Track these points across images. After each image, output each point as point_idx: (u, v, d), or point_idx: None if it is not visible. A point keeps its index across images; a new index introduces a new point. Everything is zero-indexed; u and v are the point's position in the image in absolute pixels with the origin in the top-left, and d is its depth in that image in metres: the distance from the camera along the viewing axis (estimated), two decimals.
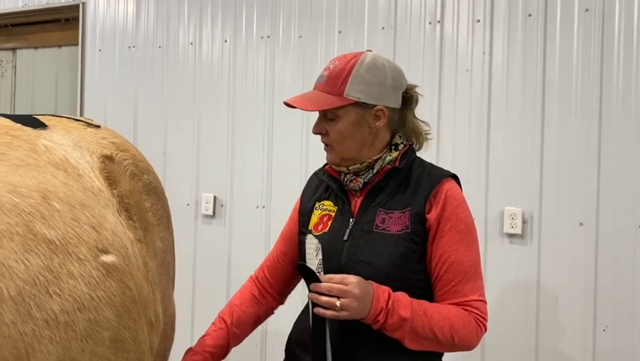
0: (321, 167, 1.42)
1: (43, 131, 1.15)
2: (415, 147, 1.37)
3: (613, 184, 2.00)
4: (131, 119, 2.92)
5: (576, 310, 2.04)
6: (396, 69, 1.31)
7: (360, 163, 1.29)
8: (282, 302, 1.49)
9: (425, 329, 1.16)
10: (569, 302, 2.05)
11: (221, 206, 2.68)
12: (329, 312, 1.15)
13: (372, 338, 1.20)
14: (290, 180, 2.48)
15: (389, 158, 1.29)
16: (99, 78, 3.02)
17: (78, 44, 3.08)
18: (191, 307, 2.72)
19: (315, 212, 1.37)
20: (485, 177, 2.18)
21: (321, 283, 1.17)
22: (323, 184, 1.40)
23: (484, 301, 1.25)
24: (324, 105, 1.26)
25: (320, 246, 1.30)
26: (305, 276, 1.21)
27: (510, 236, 2.14)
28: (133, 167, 1.24)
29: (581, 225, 2.04)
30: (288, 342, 1.40)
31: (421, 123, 1.37)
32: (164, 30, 2.85)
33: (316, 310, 1.18)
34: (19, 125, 1.12)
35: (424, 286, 1.25)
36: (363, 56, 1.28)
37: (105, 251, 0.96)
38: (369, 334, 1.19)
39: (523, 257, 2.12)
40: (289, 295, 1.51)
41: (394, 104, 1.30)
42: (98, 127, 1.29)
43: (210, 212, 2.69)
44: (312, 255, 1.31)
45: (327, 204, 1.35)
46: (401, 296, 1.18)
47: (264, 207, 2.57)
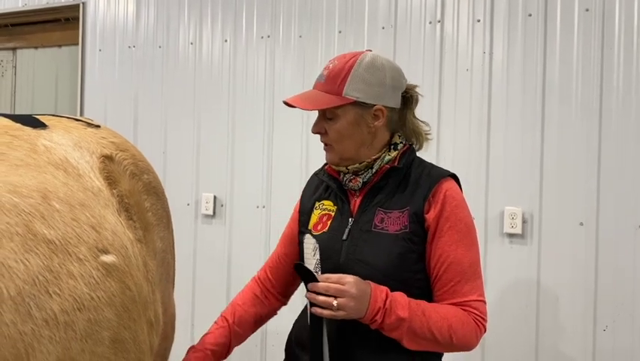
0: (321, 167, 1.42)
1: (43, 131, 1.15)
2: (415, 147, 1.37)
3: (613, 184, 2.00)
4: (131, 119, 2.92)
5: (576, 310, 2.04)
6: (396, 69, 1.30)
7: (359, 163, 1.29)
8: (285, 303, 1.49)
9: (423, 329, 1.16)
10: (569, 302, 2.05)
11: (222, 206, 2.68)
12: (326, 311, 1.15)
13: (370, 337, 1.20)
14: (290, 180, 2.48)
15: (388, 157, 1.29)
16: (99, 78, 3.02)
17: (78, 44, 3.08)
18: (191, 307, 2.72)
19: (315, 212, 1.37)
20: (485, 176, 2.18)
21: (319, 283, 1.17)
22: (323, 184, 1.39)
23: (483, 301, 1.24)
24: (322, 104, 1.26)
25: (317, 246, 1.29)
26: (303, 276, 1.21)
27: (510, 236, 2.13)
28: (133, 167, 1.24)
29: (581, 225, 2.04)
30: (287, 342, 1.40)
31: (421, 123, 1.37)
32: (164, 30, 2.85)
33: (313, 309, 1.18)
34: (19, 125, 1.12)
35: (422, 286, 1.25)
36: (362, 55, 1.28)
37: (105, 251, 0.96)
38: (367, 334, 1.19)
39: (523, 257, 2.11)
40: (292, 295, 1.50)
41: (394, 104, 1.30)
42: (97, 127, 1.29)
43: (210, 212, 2.69)
44: (310, 254, 1.31)
45: (327, 204, 1.35)
46: (399, 296, 1.17)
47: (264, 207, 2.57)
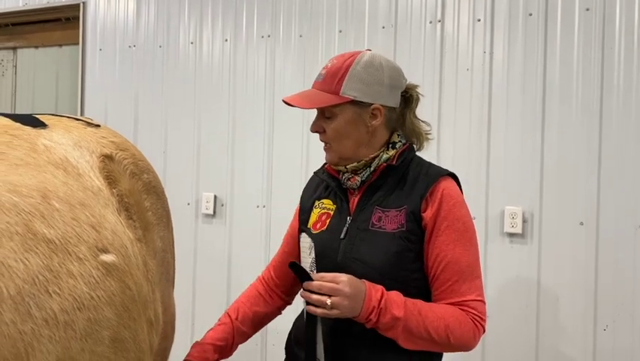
0: (321, 166, 1.42)
1: (43, 130, 1.15)
2: (416, 146, 1.36)
3: (613, 184, 2.00)
4: (132, 119, 2.92)
5: (576, 309, 2.04)
6: (395, 68, 1.30)
7: (358, 162, 1.29)
8: (289, 302, 1.49)
9: (419, 328, 1.15)
10: (569, 302, 2.05)
11: (222, 205, 2.68)
12: (320, 310, 1.15)
13: (366, 337, 1.20)
14: (290, 180, 2.48)
15: (386, 156, 1.29)
16: (100, 77, 3.02)
17: (79, 44, 3.08)
18: (192, 307, 2.72)
19: (315, 210, 1.37)
20: (486, 176, 2.18)
21: (313, 282, 1.17)
22: (323, 183, 1.40)
23: (482, 301, 1.23)
24: (320, 103, 1.26)
25: (313, 244, 1.30)
26: (298, 274, 1.22)
27: (510, 235, 2.13)
28: (133, 166, 1.24)
29: (582, 224, 2.04)
30: (287, 341, 1.41)
31: (422, 123, 1.37)
32: (164, 29, 2.85)
33: (308, 308, 1.18)
34: (18, 125, 1.12)
35: (420, 285, 1.24)
36: (360, 55, 1.28)
37: (105, 250, 0.96)
38: (363, 333, 1.19)
39: (523, 257, 2.11)
40: (296, 294, 1.50)
41: (392, 104, 1.30)
42: (97, 126, 1.29)
43: (210, 211, 2.69)
44: (306, 253, 1.31)
45: (327, 203, 1.35)
46: (395, 296, 1.17)
47: (264, 206, 2.57)
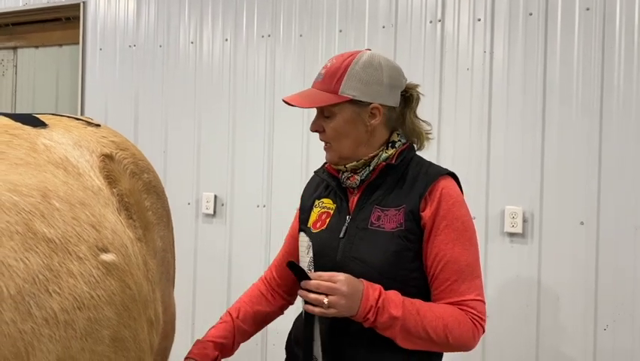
0: (322, 165, 1.42)
1: (43, 130, 1.15)
2: (416, 146, 1.36)
3: (614, 184, 2.00)
4: (132, 118, 2.92)
5: (577, 309, 2.04)
6: (395, 68, 1.30)
7: (357, 161, 1.29)
8: (291, 302, 1.49)
9: (418, 328, 1.15)
10: (569, 301, 2.05)
11: (222, 205, 2.68)
12: (317, 309, 1.15)
13: (364, 336, 1.20)
14: (290, 180, 2.48)
15: (385, 155, 1.29)
16: (100, 77, 3.02)
17: (79, 43, 3.08)
18: (192, 307, 2.72)
19: (315, 210, 1.37)
20: (486, 176, 2.18)
21: (310, 281, 1.17)
22: (324, 182, 1.40)
23: (481, 301, 1.23)
24: (319, 102, 1.27)
25: (311, 244, 1.30)
26: (296, 274, 1.22)
27: (511, 235, 2.13)
28: (133, 166, 1.24)
29: (582, 224, 2.03)
30: (288, 340, 1.41)
31: (422, 123, 1.36)
32: (164, 29, 2.85)
33: (305, 307, 1.19)
34: (18, 124, 1.12)
35: (419, 284, 1.24)
36: (360, 54, 1.28)
37: (105, 250, 0.96)
38: (361, 332, 1.19)
39: (523, 256, 2.11)
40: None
41: (392, 103, 1.30)
42: (97, 126, 1.29)
43: (211, 211, 2.69)
44: (304, 252, 1.31)
45: (327, 202, 1.36)
46: (393, 295, 1.17)
47: (264, 206, 2.57)
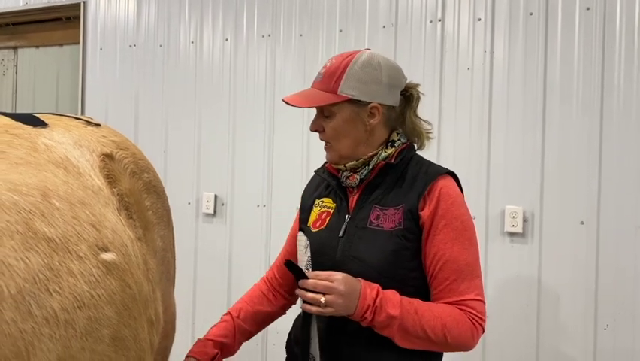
0: (322, 165, 1.42)
1: (43, 129, 1.15)
2: (417, 145, 1.36)
3: (614, 183, 2.00)
4: (132, 118, 2.92)
5: (577, 309, 2.04)
6: (394, 67, 1.30)
7: (357, 160, 1.29)
8: (293, 302, 1.49)
9: (416, 327, 1.15)
10: (569, 301, 2.05)
11: (222, 205, 2.68)
12: (314, 308, 1.15)
13: (362, 335, 1.20)
14: (291, 179, 2.48)
15: (384, 154, 1.29)
16: (100, 77, 3.02)
17: (79, 43, 3.08)
18: (192, 306, 2.72)
19: (315, 209, 1.37)
20: (486, 175, 2.18)
21: (308, 280, 1.17)
22: (324, 182, 1.40)
23: (481, 300, 1.22)
24: (318, 102, 1.27)
25: (309, 243, 1.30)
26: (294, 273, 1.22)
27: (511, 235, 2.13)
28: (133, 165, 1.24)
29: (582, 224, 2.03)
30: (288, 340, 1.41)
31: (423, 122, 1.36)
32: (165, 29, 2.85)
33: (303, 306, 1.19)
34: (19, 124, 1.13)
35: (418, 284, 1.24)
36: (359, 54, 1.29)
37: (105, 249, 0.96)
38: (359, 331, 1.19)
39: (524, 256, 2.11)
40: None
41: (391, 102, 1.30)
42: (98, 125, 1.29)
43: (211, 211, 2.69)
44: (302, 252, 1.31)
45: (327, 201, 1.36)
46: (391, 294, 1.17)
47: (264, 205, 2.57)
